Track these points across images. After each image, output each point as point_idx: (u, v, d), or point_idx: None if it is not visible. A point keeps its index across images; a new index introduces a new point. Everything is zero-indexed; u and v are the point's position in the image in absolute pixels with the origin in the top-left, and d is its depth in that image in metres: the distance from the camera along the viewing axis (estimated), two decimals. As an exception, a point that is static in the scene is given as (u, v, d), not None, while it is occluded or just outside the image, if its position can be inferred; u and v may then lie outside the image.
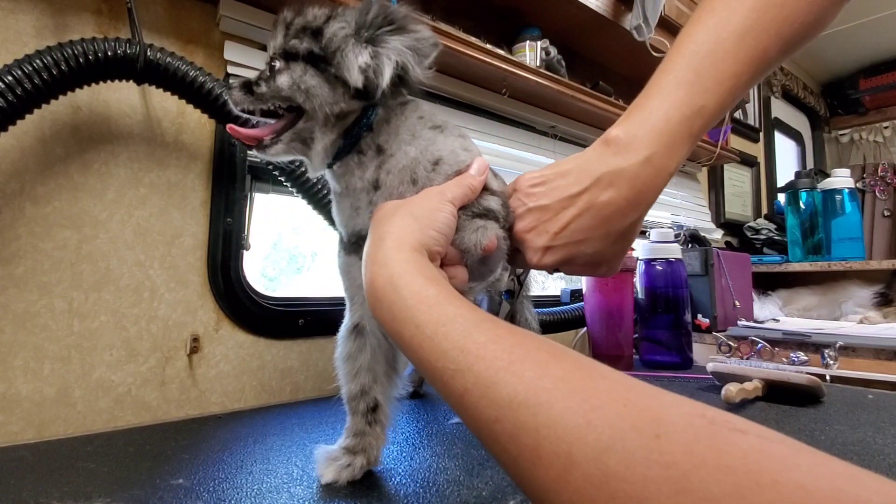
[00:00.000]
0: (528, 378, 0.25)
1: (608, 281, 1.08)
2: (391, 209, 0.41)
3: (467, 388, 0.27)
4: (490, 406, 0.25)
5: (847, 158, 3.01)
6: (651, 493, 0.19)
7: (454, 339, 0.29)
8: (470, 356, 0.27)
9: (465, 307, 0.31)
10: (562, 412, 0.23)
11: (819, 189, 1.89)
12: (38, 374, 0.65)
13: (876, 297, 1.72)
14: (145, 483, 0.47)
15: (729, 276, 1.44)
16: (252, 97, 0.46)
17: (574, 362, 0.26)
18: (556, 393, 0.24)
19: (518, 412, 0.24)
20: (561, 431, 0.22)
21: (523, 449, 0.23)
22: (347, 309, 0.53)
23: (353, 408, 0.50)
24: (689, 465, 0.19)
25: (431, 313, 0.31)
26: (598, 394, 0.23)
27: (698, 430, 0.20)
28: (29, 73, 0.57)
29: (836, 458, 0.18)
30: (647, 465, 0.19)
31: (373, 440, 0.50)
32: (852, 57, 2.75)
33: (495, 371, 0.26)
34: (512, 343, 0.27)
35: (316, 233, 1.19)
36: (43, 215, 0.67)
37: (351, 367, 0.51)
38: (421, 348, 0.30)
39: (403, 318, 0.32)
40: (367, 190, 0.47)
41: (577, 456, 0.21)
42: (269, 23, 0.83)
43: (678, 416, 0.21)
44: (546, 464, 0.22)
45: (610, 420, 0.21)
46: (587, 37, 1.33)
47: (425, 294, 0.32)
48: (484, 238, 0.43)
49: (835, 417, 0.70)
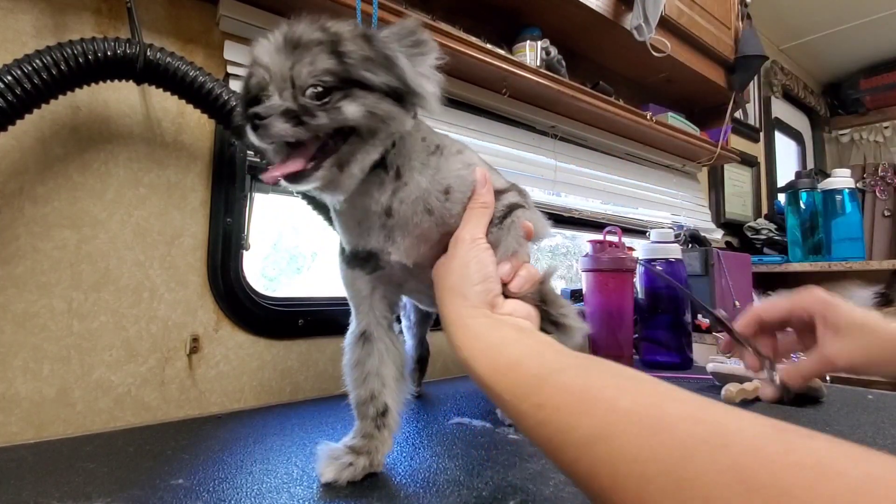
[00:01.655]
0: (600, 416, 0.27)
1: (608, 281, 1.08)
2: (440, 288, 0.45)
3: (550, 436, 0.30)
4: (571, 448, 0.28)
5: (847, 158, 3.01)
6: (723, 493, 0.20)
7: (531, 398, 0.32)
8: (547, 409, 0.30)
9: (531, 361, 0.35)
10: (633, 439, 0.25)
11: (819, 189, 1.89)
12: (37, 375, 0.65)
13: (876, 298, 1.72)
14: (145, 483, 0.47)
15: (729, 277, 1.44)
16: (304, 128, 0.40)
17: (642, 391, 0.28)
18: (625, 423, 0.26)
19: (594, 449, 0.26)
20: (634, 455, 0.24)
21: (602, 480, 0.25)
22: (353, 317, 0.53)
23: (363, 412, 0.50)
24: (758, 466, 0.20)
25: (506, 382, 0.35)
26: (667, 417, 0.25)
27: (767, 436, 0.22)
28: (28, 73, 0.57)
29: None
30: (717, 471, 0.21)
31: (379, 444, 0.50)
32: (853, 57, 2.75)
33: (570, 416, 0.29)
34: (581, 386, 0.30)
35: (316, 233, 1.19)
36: (42, 215, 0.67)
37: (360, 373, 0.51)
38: (508, 412, 0.34)
39: (489, 394, 0.37)
40: (380, 214, 0.46)
41: (650, 474, 0.23)
42: (269, 23, 0.83)
43: (747, 426, 0.23)
44: (622, 488, 0.24)
45: (680, 438, 0.23)
46: (587, 37, 1.33)
47: (497, 363, 0.36)
48: (519, 231, 0.48)
49: (835, 418, 0.69)
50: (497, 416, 0.69)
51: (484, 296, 0.43)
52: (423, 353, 0.84)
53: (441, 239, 0.48)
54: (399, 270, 0.50)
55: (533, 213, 0.52)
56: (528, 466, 0.51)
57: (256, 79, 0.42)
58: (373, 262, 0.49)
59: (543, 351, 0.36)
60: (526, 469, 0.51)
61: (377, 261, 0.49)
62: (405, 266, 0.49)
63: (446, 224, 0.47)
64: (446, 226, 0.47)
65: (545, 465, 0.52)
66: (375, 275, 0.51)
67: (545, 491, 0.45)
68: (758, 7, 1.92)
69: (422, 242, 0.48)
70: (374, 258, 0.49)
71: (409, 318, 0.80)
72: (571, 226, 1.50)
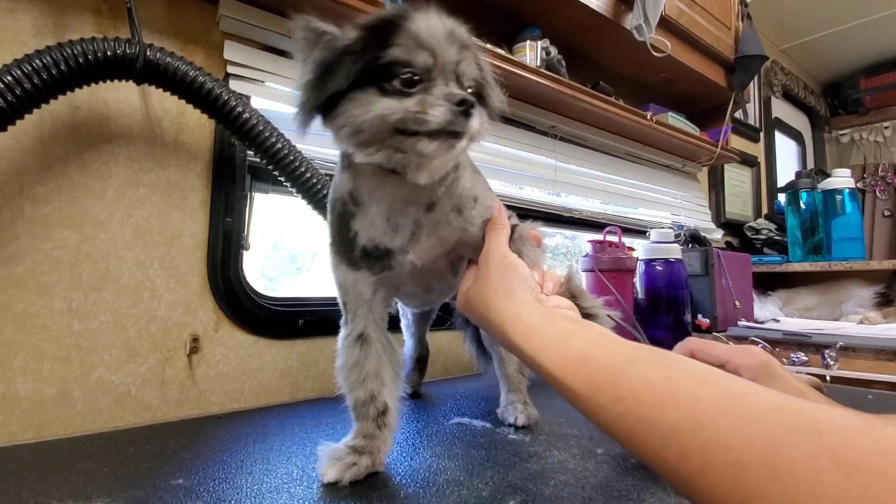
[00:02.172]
0: (685, 407, 0.28)
1: (608, 281, 1.08)
2: (482, 303, 0.46)
3: (632, 427, 0.30)
4: (656, 438, 0.29)
5: (847, 158, 3.01)
6: (823, 477, 0.21)
7: (608, 391, 0.33)
8: (627, 402, 0.31)
9: (600, 353, 0.35)
10: (725, 428, 0.26)
11: (819, 189, 1.89)
12: (37, 375, 0.65)
13: (876, 297, 1.72)
14: (145, 483, 0.47)
15: (729, 277, 1.44)
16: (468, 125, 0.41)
17: (721, 383, 0.29)
18: (713, 413, 0.27)
19: (682, 436, 0.27)
20: (727, 443, 0.25)
21: (693, 466, 0.26)
22: (349, 321, 0.53)
23: (363, 413, 0.50)
24: (854, 452, 0.21)
25: (580, 376, 0.35)
26: (753, 408, 0.26)
27: (856, 426, 0.23)
28: (28, 73, 0.57)
29: None
30: (814, 456, 0.22)
31: (381, 443, 0.50)
32: (853, 57, 2.75)
33: (653, 408, 0.29)
34: (660, 378, 0.31)
35: (316, 233, 1.19)
36: (42, 215, 0.67)
37: (359, 374, 0.51)
38: (581, 404, 0.35)
39: (559, 387, 0.37)
40: (419, 208, 0.48)
41: (746, 460, 0.24)
42: (269, 23, 0.83)
43: (835, 416, 0.24)
44: (718, 473, 0.25)
45: (771, 427, 0.24)
46: (587, 37, 1.33)
47: (566, 357, 0.37)
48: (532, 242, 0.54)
49: (835, 418, 0.69)
50: (497, 416, 0.69)
51: (530, 291, 0.45)
52: (423, 353, 0.84)
53: (453, 247, 0.51)
54: (406, 272, 0.50)
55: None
56: (528, 466, 0.51)
57: (422, 59, 0.41)
58: (384, 262, 0.49)
59: (608, 343, 0.37)
60: (526, 469, 0.51)
61: (389, 260, 0.49)
62: (413, 268, 0.50)
63: (465, 230, 0.50)
64: (465, 232, 0.50)
65: (545, 465, 0.52)
66: (380, 276, 0.51)
67: (545, 491, 0.45)
68: (758, 7, 1.92)
69: (438, 246, 0.50)
70: (387, 258, 0.49)
71: (407, 317, 0.80)
72: (571, 226, 1.50)
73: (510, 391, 0.69)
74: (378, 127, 0.41)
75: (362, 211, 0.48)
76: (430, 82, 0.41)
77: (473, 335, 0.78)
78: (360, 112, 0.41)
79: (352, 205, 0.49)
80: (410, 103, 0.40)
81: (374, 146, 0.42)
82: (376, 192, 0.47)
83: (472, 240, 0.51)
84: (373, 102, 0.40)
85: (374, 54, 0.40)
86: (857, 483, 0.20)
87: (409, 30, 0.41)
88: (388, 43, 0.40)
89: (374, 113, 0.40)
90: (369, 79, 0.41)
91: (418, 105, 0.40)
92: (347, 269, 0.51)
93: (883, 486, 0.20)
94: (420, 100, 0.40)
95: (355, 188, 0.48)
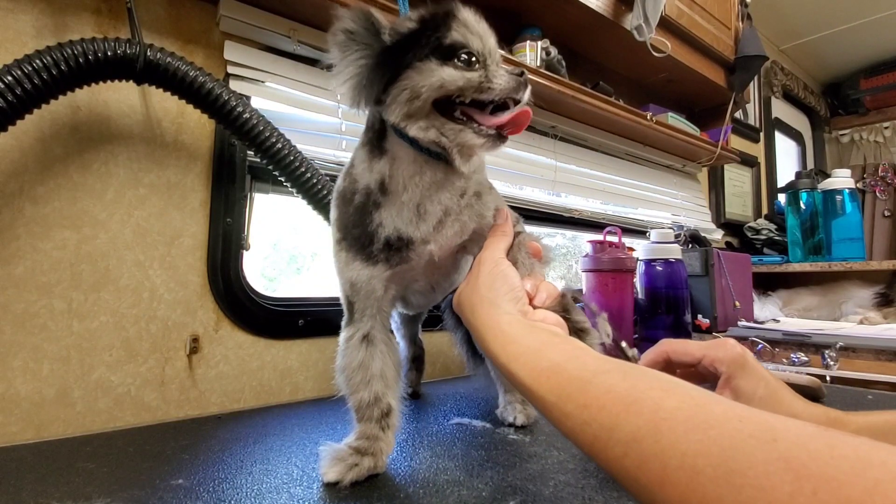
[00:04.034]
0: (646, 415, 0.28)
1: (608, 281, 1.08)
2: (469, 306, 0.47)
3: (596, 435, 0.31)
4: (617, 445, 0.29)
5: (847, 159, 3.01)
6: (774, 483, 0.21)
7: (576, 399, 0.33)
8: (592, 409, 0.32)
9: (572, 364, 0.36)
10: (682, 434, 0.26)
11: (819, 189, 1.89)
12: (37, 375, 0.65)
13: (876, 298, 1.72)
14: (145, 483, 0.47)
15: (729, 277, 1.44)
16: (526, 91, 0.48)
17: (684, 394, 0.29)
18: (674, 421, 0.27)
19: (642, 444, 0.27)
20: (684, 450, 0.25)
21: (651, 473, 0.26)
22: (355, 321, 0.52)
23: (367, 415, 0.50)
24: (807, 457, 0.22)
25: (550, 384, 0.36)
26: (712, 417, 0.26)
27: (811, 433, 0.23)
28: (29, 73, 0.57)
29: None
30: (767, 462, 0.22)
31: (384, 445, 0.50)
32: (853, 57, 2.75)
33: (616, 415, 0.30)
34: (626, 387, 0.31)
35: (316, 233, 1.19)
36: (42, 215, 0.67)
37: (364, 376, 0.51)
38: (550, 413, 0.35)
39: (530, 396, 0.38)
40: (452, 195, 0.50)
41: (701, 466, 0.24)
42: (269, 23, 0.84)
43: (791, 425, 0.24)
44: (673, 480, 0.25)
45: (728, 433, 0.25)
46: (587, 37, 1.33)
47: (539, 367, 0.38)
48: (528, 250, 0.54)
49: (835, 418, 0.69)
50: (497, 416, 0.69)
51: (515, 303, 0.45)
52: (417, 352, 0.84)
53: (465, 239, 0.53)
54: (422, 265, 0.52)
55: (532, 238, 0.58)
56: (528, 466, 0.51)
57: (477, 43, 0.46)
58: (402, 254, 0.50)
59: (582, 355, 0.37)
60: (526, 469, 0.51)
61: (408, 252, 0.50)
62: (429, 261, 0.51)
63: (482, 216, 0.53)
64: (482, 218, 0.53)
65: (545, 465, 0.52)
66: (395, 271, 0.51)
67: (545, 491, 0.45)
68: (758, 7, 1.92)
69: (459, 235, 0.52)
70: (406, 249, 0.50)
71: (395, 320, 0.80)
72: (571, 226, 1.50)
73: (507, 392, 0.69)
74: (436, 93, 0.45)
75: (391, 199, 0.49)
76: (484, 63, 0.47)
77: (464, 337, 0.78)
78: (422, 78, 0.44)
79: (379, 194, 0.49)
80: (474, 75, 0.45)
81: (426, 120, 0.46)
82: (415, 177, 0.48)
83: (483, 231, 0.53)
84: (436, 70, 0.44)
85: (438, 35, 0.45)
86: (808, 488, 0.21)
87: (463, 19, 0.46)
88: (448, 27, 0.46)
89: (437, 78, 0.44)
90: (432, 56, 0.45)
91: (482, 77, 0.45)
92: (362, 264, 0.50)
93: (832, 490, 0.20)
94: (482, 73, 0.46)
95: (391, 174, 0.49)
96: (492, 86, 0.45)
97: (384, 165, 0.49)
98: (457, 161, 0.47)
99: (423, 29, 0.45)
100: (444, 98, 0.45)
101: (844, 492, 0.20)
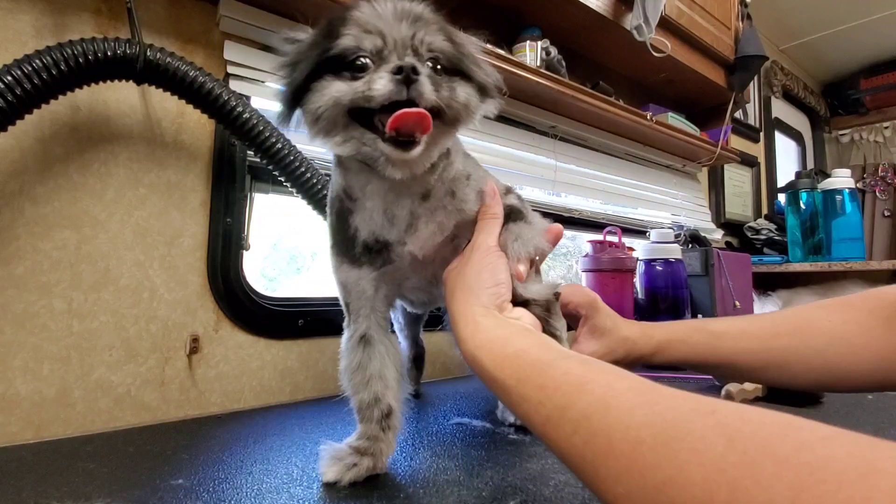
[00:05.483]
0: (598, 393, 0.30)
1: (608, 281, 1.08)
2: (451, 288, 0.47)
3: (549, 415, 0.32)
4: (568, 423, 0.30)
5: (847, 159, 3.01)
6: (708, 445, 0.23)
7: (534, 381, 0.34)
8: (548, 390, 0.33)
9: (535, 350, 0.37)
10: (629, 410, 0.27)
11: (819, 189, 1.89)
12: (37, 375, 0.65)
13: (876, 298, 1.71)
14: (145, 483, 0.47)
15: (729, 277, 1.44)
16: (436, 96, 0.42)
17: (636, 379, 0.31)
18: (622, 399, 0.28)
19: (591, 420, 0.29)
20: (629, 423, 0.27)
21: (597, 447, 0.27)
22: (352, 321, 0.52)
23: (368, 415, 0.50)
24: (740, 423, 0.24)
25: (511, 369, 0.37)
26: (660, 395, 0.28)
27: (746, 408, 0.25)
28: (28, 73, 0.57)
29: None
30: (704, 428, 0.24)
31: (384, 446, 0.50)
32: (853, 57, 2.75)
33: (569, 395, 0.31)
34: (583, 371, 0.33)
35: (316, 233, 1.19)
36: (42, 215, 0.67)
37: (363, 377, 0.51)
38: (509, 397, 0.37)
39: (492, 384, 0.39)
40: (414, 199, 0.48)
41: (644, 436, 0.25)
42: (269, 23, 0.83)
43: (732, 404, 0.26)
44: (617, 452, 0.26)
45: (672, 407, 0.26)
46: (587, 37, 1.33)
47: (503, 353, 0.39)
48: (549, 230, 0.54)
49: (834, 418, 0.69)
50: (497, 416, 0.69)
51: (495, 298, 0.45)
52: (419, 352, 0.84)
53: (452, 232, 0.51)
54: (407, 265, 0.51)
55: (532, 216, 0.56)
56: (528, 466, 0.51)
57: (369, 42, 0.42)
58: (384, 256, 0.50)
59: (547, 345, 0.38)
60: (526, 469, 0.51)
61: (388, 254, 0.49)
62: (413, 260, 0.50)
63: (461, 211, 0.50)
64: (462, 213, 0.50)
65: (545, 465, 0.52)
66: (382, 271, 0.51)
67: (545, 491, 0.45)
68: (758, 7, 1.91)
69: (438, 234, 0.50)
70: (386, 251, 0.49)
71: (399, 320, 0.80)
72: (571, 226, 1.50)
73: None
74: (333, 111, 0.42)
75: (359, 206, 0.49)
76: (383, 62, 0.42)
77: None
78: (317, 98, 0.42)
79: (348, 201, 0.50)
80: (359, 84, 0.41)
81: (338, 135, 0.43)
82: (367, 186, 0.48)
83: (470, 220, 0.51)
84: (326, 88, 0.42)
85: (326, 46, 0.42)
86: (739, 448, 0.22)
87: (356, 18, 0.43)
88: (338, 35, 0.42)
89: (327, 97, 0.42)
90: (328, 70, 0.43)
91: (366, 84, 0.41)
92: (350, 267, 0.51)
93: (760, 450, 0.21)
94: (368, 79, 0.41)
95: (347, 184, 0.49)
96: (372, 94, 0.40)
97: (340, 176, 0.50)
98: (388, 171, 0.43)
99: (317, 38, 0.44)
100: (354, 109, 0.42)
101: (770, 448, 0.21)
